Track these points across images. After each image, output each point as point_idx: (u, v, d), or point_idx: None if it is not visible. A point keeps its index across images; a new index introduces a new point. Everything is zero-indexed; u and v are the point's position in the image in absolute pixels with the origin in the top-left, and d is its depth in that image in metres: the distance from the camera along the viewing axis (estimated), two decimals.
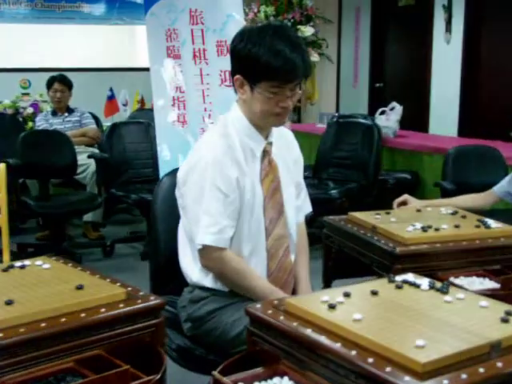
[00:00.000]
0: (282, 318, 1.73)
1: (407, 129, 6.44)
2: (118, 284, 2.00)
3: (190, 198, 2.19)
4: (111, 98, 6.93)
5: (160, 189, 2.60)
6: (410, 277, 2.00)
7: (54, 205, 5.09)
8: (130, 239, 5.63)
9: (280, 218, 2.28)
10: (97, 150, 5.83)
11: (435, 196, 5.05)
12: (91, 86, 7.68)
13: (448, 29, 6.97)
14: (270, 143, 2.30)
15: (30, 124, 6.33)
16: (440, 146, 5.51)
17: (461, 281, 2.37)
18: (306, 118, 8.53)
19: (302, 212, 2.48)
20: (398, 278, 1.98)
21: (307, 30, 7.47)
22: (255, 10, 7.74)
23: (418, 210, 2.94)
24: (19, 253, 5.05)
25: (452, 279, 2.37)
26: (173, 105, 4.28)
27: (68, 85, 5.90)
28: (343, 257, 2.83)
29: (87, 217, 5.52)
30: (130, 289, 1.96)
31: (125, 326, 1.79)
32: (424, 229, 2.59)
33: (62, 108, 5.93)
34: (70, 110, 5.99)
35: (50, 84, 5.89)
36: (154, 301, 1.89)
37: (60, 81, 5.86)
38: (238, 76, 2.20)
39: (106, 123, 6.44)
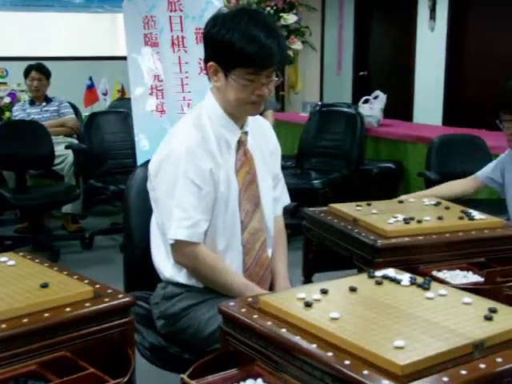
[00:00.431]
0: (255, 316, 1.65)
1: (391, 118, 6.37)
2: (86, 281, 1.91)
3: (162, 190, 2.11)
4: (91, 87, 6.81)
5: (134, 180, 2.51)
6: (390, 272, 1.92)
7: (30, 197, 4.97)
8: (110, 231, 5.51)
9: (256, 210, 2.20)
10: (76, 141, 5.72)
11: (419, 185, 5.00)
12: (71, 75, 7.54)
13: (432, 16, 6.89)
14: (246, 133, 2.21)
15: (8, 114, 6.19)
16: (424, 135, 5.45)
17: (444, 274, 2.31)
18: (290, 107, 8.45)
19: (279, 204, 2.39)
20: (378, 274, 1.90)
21: (290, 18, 7.38)
22: None
23: (401, 202, 2.87)
24: None
25: (435, 273, 2.31)
26: (151, 94, 4.18)
27: (46, 73, 5.77)
28: (324, 250, 2.75)
29: (66, 208, 5.40)
30: (98, 286, 1.88)
31: (91, 326, 1.71)
32: (406, 221, 2.51)
33: (39, 97, 5.81)
34: (48, 100, 5.87)
35: (27, 72, 5.77)
36: (122, 299, 1.81)
37: (37, 69, 5.74)
38: (211, 63, 2.11)
39: (86, 113, 6.32)
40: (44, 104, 5.83)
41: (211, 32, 2.10)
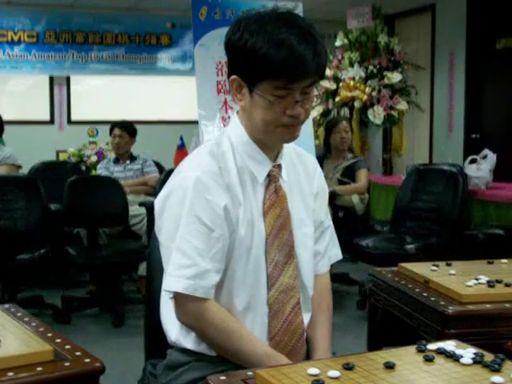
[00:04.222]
0: None
1: (508, 181, 5.71)
2: (58, 340, 1.52)
3: (165, 231, 1.69)
4: (181, 146, 6.59)
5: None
6: (449, 345, 1.42)
7: (95, 256, 4.63)
8: None
9: (289, 263, 1.73)
10: None
11: None
12: (162, 135, 7.53)
13: None
14: (279, 166, 1.77)
15: (94, 172, 6.04)
16: None
17: None
18: (396, 170, 7.95)
19: (324, 259, 1.89)
20: (432, 346, 1.40)
21: (394, 77, 6.94)
22: (339, 57, 7.30)
23: (490, 262, 2.33)
24: (65, 307, 4.67)
25: None
26: None
27: (128, 130, 5.56)
28: (391, 318, 2.24)
29: (142, 270, 5.04)
30: (68, 347, 1.48)
31: None
32: (490, 284, 1.99)
33: (123, 155, 5.60)
34: (133, 158, 5.66)
35: (111, 130, 5.61)
36: (88, 365, 1.40)
37: (120, 126, 5.57)
38: (233, 76, 1.70)
39: None
40: (128, 162, 5.61)
41: (232, 38, 1.69)
